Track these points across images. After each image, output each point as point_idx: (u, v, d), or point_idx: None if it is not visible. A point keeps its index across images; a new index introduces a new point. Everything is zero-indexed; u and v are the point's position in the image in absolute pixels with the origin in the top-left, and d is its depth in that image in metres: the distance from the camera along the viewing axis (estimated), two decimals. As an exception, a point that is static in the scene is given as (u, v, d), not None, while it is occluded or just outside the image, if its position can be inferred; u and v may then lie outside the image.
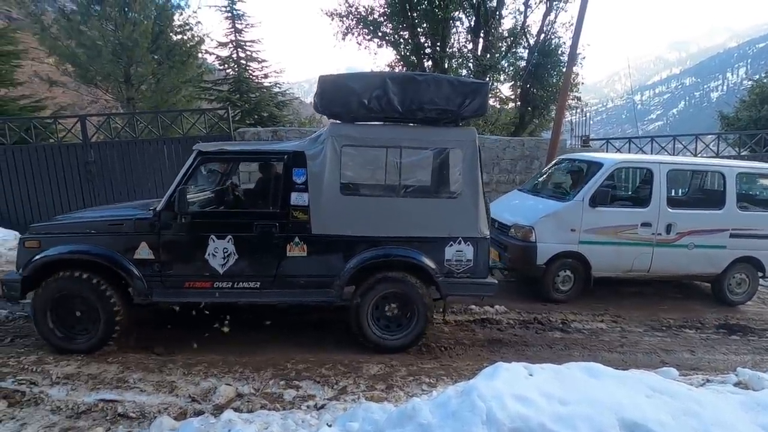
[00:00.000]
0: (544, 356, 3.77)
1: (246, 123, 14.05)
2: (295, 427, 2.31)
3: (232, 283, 3.50)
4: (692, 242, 5.04)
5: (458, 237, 3.57)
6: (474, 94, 3.48)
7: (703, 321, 4.77)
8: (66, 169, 7.55)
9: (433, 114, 3.51)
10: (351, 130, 3.54)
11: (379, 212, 3.53)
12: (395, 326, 3.67)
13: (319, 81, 3.48)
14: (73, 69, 11.80)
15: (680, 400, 2.15)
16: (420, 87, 3.43)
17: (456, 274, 3.61)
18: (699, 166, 5.69)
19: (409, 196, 3.59)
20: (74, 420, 2.58)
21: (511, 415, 1.97)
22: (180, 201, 3.33)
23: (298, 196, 3.48)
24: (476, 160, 3.55)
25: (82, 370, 3.13)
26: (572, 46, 7.81)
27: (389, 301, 3.62)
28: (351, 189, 3.60)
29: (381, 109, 3.42)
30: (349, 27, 15.86)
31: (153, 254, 3.41)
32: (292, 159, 3.51)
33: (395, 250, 3.54)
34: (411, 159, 3.61)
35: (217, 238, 3.44)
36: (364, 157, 3.66)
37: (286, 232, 3.48)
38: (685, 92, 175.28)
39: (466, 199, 3.55)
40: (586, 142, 9.08)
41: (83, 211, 4.40)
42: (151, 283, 3.43)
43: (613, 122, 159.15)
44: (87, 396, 2.82)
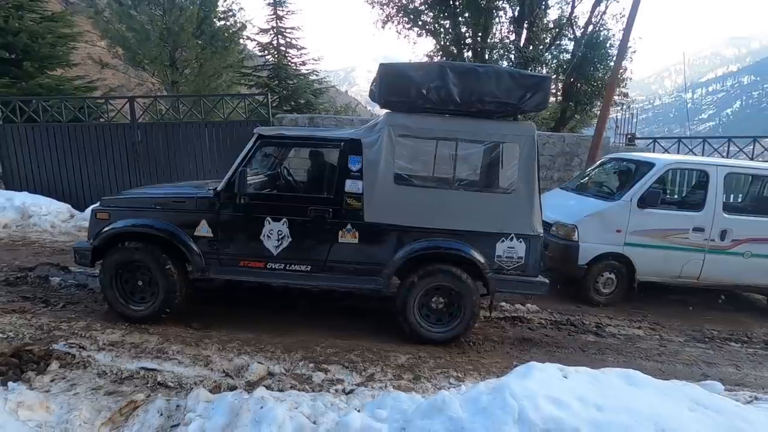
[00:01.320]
0: (576, 359, 3.66)
1: (283, 109, 14.30)
2: (325, 409, 2.35)
3: (284, 265, 3.59)
4: (749, 251, 4.75)
5: (510, 233, 3.51)
6: (536, 88, 3.38)
7: (750, 335, 4.50)
8: (114, 148, 7.92)
9: (491, 107, 3.43)
10: (407, 120, 3.51)
11: (432, 204, 3.51)
12: (441, 319, 3.66)
13: (379, 69, 3.46)
14: (123, 52, 12.35)
15: (726, 417, 2.03)
16: (480, 79, 3.35)
17: (506, 271, 3.56)
18: (760, 170, 5.31)
19: (463, 189, 3.56)
20: (118, 384, 2.73)
21: (544, 416, 1.92)
22: (240, 182, 3.42)
23: (353, 184, 3.50)
24: (534, 156, 3.46)
25: (125, 339, 3.31)
26: (623, 39, 7.42)
27: (436, 294, 3.61)
28: (405, 179, 3.58)
29: (439, 99, 3.37)
30: (389, 15, 15.70)
31: (212, 232, 3.55)
32: (349, 146, 3.53)
33: (446, 242, 3.52)
34: (466, 152, 3.58)
35: (273, 220, 3.53)
36: (419, 148, 3.64)
37: (339, 219, 3.52)
38: (742, 91, 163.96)
39: (521, 195, 3.48)
40: (631, 141, 8.68)
41: (146, 187, 4.63)
42: (209, 260, 3.58)
43: (660, 121, 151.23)
44: (130, 363, 2.97)
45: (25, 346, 2.99)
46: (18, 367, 2.77)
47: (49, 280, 4.51)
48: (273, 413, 2.20)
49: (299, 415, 2.26)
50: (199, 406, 2.37)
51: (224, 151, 7.97)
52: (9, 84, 8.94)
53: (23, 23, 9.45)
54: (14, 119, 7.77)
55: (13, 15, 9.33)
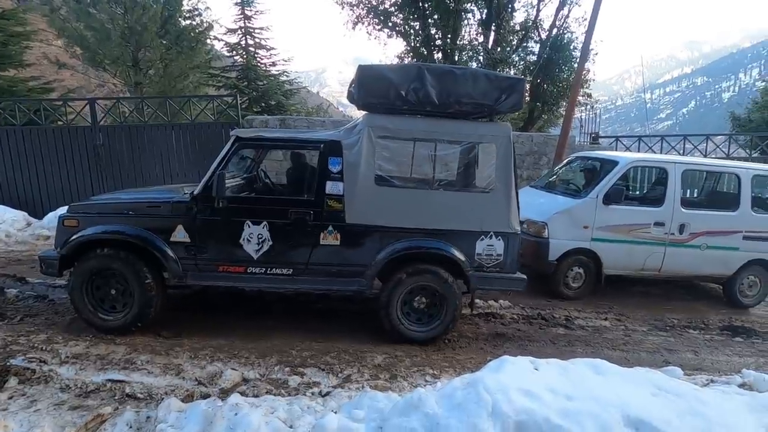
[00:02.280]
0: (547, 352, 3.77)
1: (253, 111, 14.05)
2: (301, 412, 2.34)
3: (265, 269, 3.53)
4: (705, 243, 5.02)
5: (489, 231, 3.57)
6: (511, 90, 3.46)
7: (707, 322, 4.76)
8: (74, 152, 7.57)
9: (468, 108, 3.49)
10: (387, 121, 3.53)
11: (413, 204, 3.54)
12: (424, 318, 3.69)
13: (358, 70, 3.45)
14: (81, 52, 11.81)
15: (686, 400, 2.15)
16: (458, 80, 3.40)
17: (486, 268, 3.62)
18: (714, 167, 5.62)
19: (442, 189, 3.61)
20: (83, 398, 2.62)
21: (517, 408, 1.98)
22: (218, 186, 3.35)
23: (333, 185, 3.48)
24: (510, 156, 3.54)
25: (90, 351, 3.17)
26: (585, 41, 7.71)
27: (419, 293, 3.64)
28: (385, 180, 3.59)
29: (418, 101, 3.40)
30: (359, 16, 15.71)
31: (189, 237, 3.45)
32: (329, 148, 3.51)
33: (427, 242, 3.54)
34: (445, 152, 3.62)
35: (253, 223, 3.46)
36: (399, 149, 3.66)
37: (321, 221, 3.49)
38: (696, 92, 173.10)
39: (499, 194, 3.55)
40: (595, 140, 9.02)
41: (117, 192, 4.43)
42: (186, 266, 3.48)
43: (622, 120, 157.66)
44: (95, 375, 2.85)
45: (-21, 363, 2.82)
46: (-28, 385, 2.61)
47: (5, 292, 4.27)
48: (248, 419, 2.17)
49: (275, 419, 2.23)
50: (170, 416, 2.30)
51: (192, 154, 7.76)
52: (-44, 85, 8.41)
53: (-30, 21, 8.91)
54: (-38, 123, 7.32)
55: (-42, 12, 8.78)
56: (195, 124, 7.86)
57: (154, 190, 4.16)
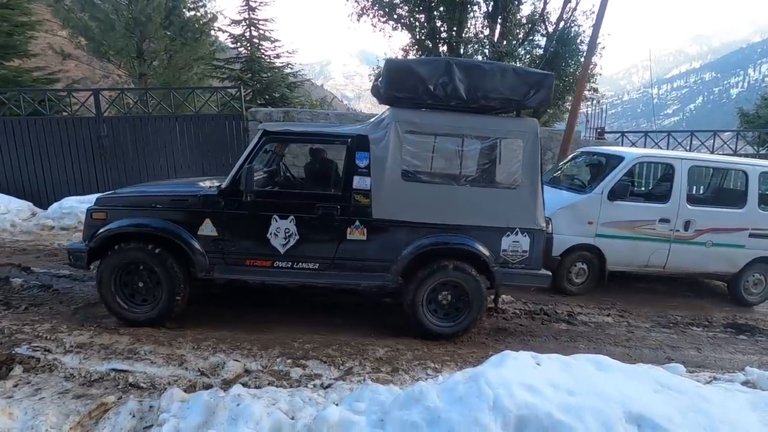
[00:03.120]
0: (550, 347, 3.77)
1: (257, 103, 14.00)
2: (302, 404, 2.34)
3: (291, 263, 3.53)
4: (710, 240, 4.99)
5: (515, 227, 3.56)
6: (539, 85, 3.43)
7: (711, 319, 4.74)
8: (79, 143, 7.60)
9: (496, 103, 3.47)
10: (414, 116, 3.50)
11: (439, 199, 3.52)
12: (449, 314, 3.69)
13: (386, 65, 3.44)
14: (86, 42, 11.80)
15: (688, 396, 2.14)
16: (486, 75, 3.38)
17: (511, 264, 3.61)
18: (721, 163, 5.56)
19: (469, 185, 3.59)
20: (87, 387, 2.64)
21: (518, 403, 1.97)
22: (247, 180, 3.34)
23: (361, 180, 3.47)
24: (537, 152, 3.52)
25: (94, 340, 3.19)
26: (592, 35, 7.62)
27: (444, 289, 3.63)
28: (412, 175, 3.56)
29: (446, 95, 3.37)
30: (364, 8, 15.57)
31: (216, 231, 3.45)
32: (356, 142, 3.49)
33: (453, 237, 3.53)
34: (472, 147, 3.61)
35: (280, 218, 3.46)
36: (426, 144, 3.64)
37: (347, 215, 3.48)
38: (704, 87, 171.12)
39: (525, 190, 3.53)
40: (601, 135, 8.95)
41: (142, 185, 4.41)
42: (213, 260, 3.48)
43: (628, 115, 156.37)
44: (99, 365, 2.87)
45: (-15, 351, 2.85)
46: (-23, 373, 2.64)
47: (10, 281, 4.30)
48: (250, 410, 2.18)
49: (277, 411, 2.24)
50: (173, 406, 2.31)
51: (196, 146, 7.76)
52: (-39, 75, 8.43)
53: (-25, 10, 8.91)
54: (-32, 112, 7.34)
55: (-37, 1, 8.78)
56: (199, 116, 7.86)
57: (179, 183, 4.16)
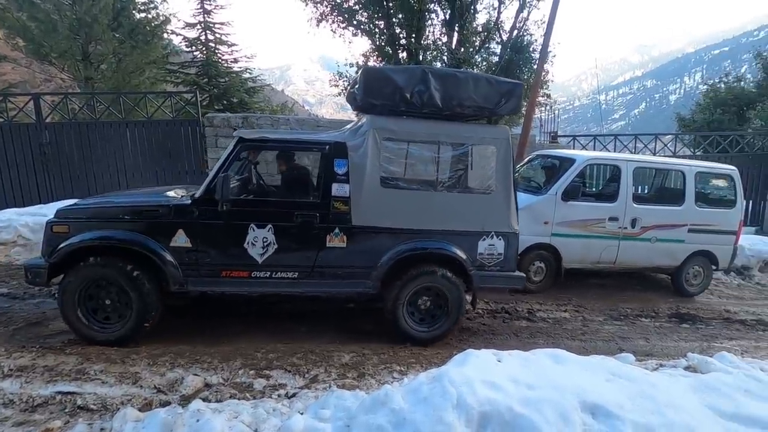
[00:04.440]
0: (511, 344, 3.89)
1: (214, 108, 13.63)
2: (266, 415, 2.29)
3: (270, 273, 3.44)
4: (655, 236, 5.33)
5: (491, 231, 3.64)
6: (510, 94, 3.55)
7: (657, 311, 5.06)
8: (17, 150, 7.08)
9: (470, 111, 3.54)
10: (391, 123, 3.52)
11: (417, 205, 3.55)
12: (429, 318, 3.71)
13: (363, 73, 3.44)
14: (24, 44, 11.04)
15: (637, 384, 2.28)
16: (460, 84, 3.45)
17: (487, 267, 3.68)
18: (662, 164, 5.99)
19: (446, 191, 3.63)
20: (29, 413, 2.45)
21: (481, 399, 2.02)
22: (223, 188, 3.23)
23: (340, 187, 3.44)
24: (509, 157, 3.62)
25: (37, 362, 2.96)
26: (544, 43, 7.97)
27: (424, 294, 3.65)
28: (390, 181, 3.56)
29: (422, 103, 3.41)
30: (323, 14, 15.54)
31: (190, 242, 3.31)
32: (334, 149, 3.46)
33: (432, 243, 3.57)
34: (448, 154, 3.66)
35: (257, 227, 3.36)
36: (404, 151, 3.65)
37: (327, 223, 3.44)
38: (647, 94, 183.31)
39: (499, 195, 3.62)
40: (554, 139, 9.37)
41: (107, 195, 4.13)
42: (187, 272, 3.33)
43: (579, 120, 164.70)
44: (43, 389, 2.67)
45: None
46: None
47: (-61, 302, 3.93)
48: (210, 425, 2.10)
49: (239, 424, 2.18)
50: (126, 427, 2.19)
51: (149, 152, 7.44)
52: None
53: None
54: None
55: None
56: (152, 122, 7.54)
57: (146, 193, 3.96)
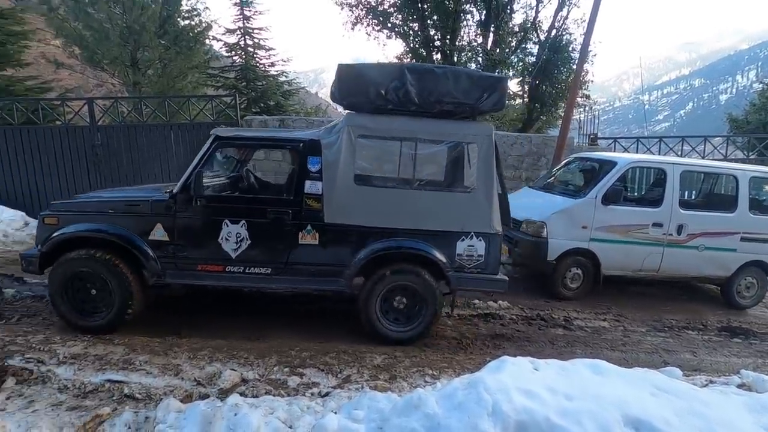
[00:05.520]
0: (547, 352, 3.78)
1: (252, 111, 14.03)
2: (300, 413, 2.33)
3: (243, 268, 3.52)
4: (703, 244, 5.04)
5: (470, 232, 3.56)
6: (492, 89, 3.46)
7: (705, 323, 4.78)
8: (72, 152, 7.54)
9: (450, 107, 3.49)
10: (367, 120, 3.52)
11: (392, 204, 3.53)
12: (404, 318, 3.68)
13: (338, 69, 3.46)
14: (79, 51, 11.76)
15: (685, 400, 2.16)
16: (438, 79, 3.40)
17: (466, 269, 3.61)
18: (712, 168, 5.64)
19: (423, 189, 3.59)
20: (81, 399, 2.60)
21: (517, 408, 1.98)
22: (196, 184, 3.37)
23: (312, 185, 3.48)
24: (492, 156, 3.53)
25: (88, 351, 3.16)
26: (584, 42, 7.73)
27: (398, 294, 3.62)
28: (365, 179, 3.58)
29: (398, 100, 3.40)
30: (358, 17, 15.71)
31: (168, 236, 3.45)
32: (308, 147, 3.50)
33: (407, 242, 3.53)
34: (426, 152, 3.60)
35: (231, 222, 3.46)
36: (379, 148, 3.65)
37: (299, 220, 3.49)
38: (694, 94, 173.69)
39: (480, 194, 3.53)
40: (593, 141, 9.04)
41: (101, 191, 4.43)
42: (165, 265, 3.47)
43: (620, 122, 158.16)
44: (94, 376, 2.84)
45: (-23, 363, 2.81)
46: (-31, 385, 2.60)
47: (3, 292, 4.25)
48: (247, 419, 2.16)
49: (275, 420, 2.23)
50: (169, 417, 2.29)
51: (191, 154, 7.70)
52: (-47, 85, 8.38)
53: (-32, 20, 8.88)
54: (-40, 122, 7.28)
55: (-44, 11, 8.75)
56: (194, 124, 7.84)
57: (135, 189, 4.15)
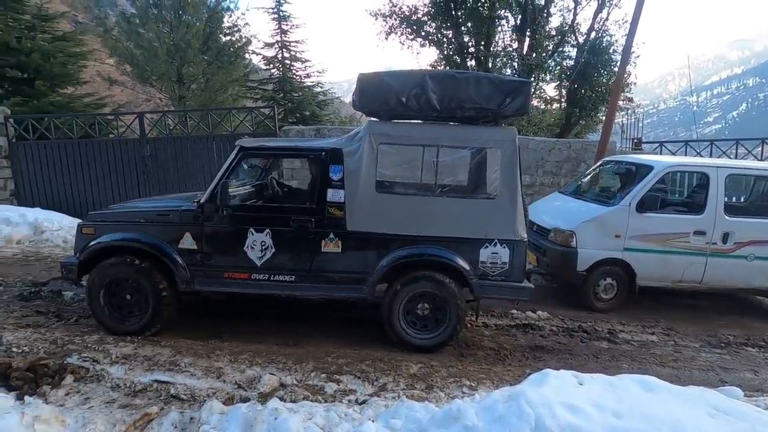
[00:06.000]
0: (590, 366, 3.62)
1: (288, 121, 14.45)
2: (338, 420, 2.34)
3: (268, 276, 3.60)
4: (753, 253, 4.68)
5: (494, 239, 3.50)
6: (515, 93, 3.38)
7: (767, 340, 4.42)
8: (124, 163, 8.05)
9: (472, 113, 3.45)
10: (388, 128, 3.55)
11: (415, 211, 3.52)
12: (428, 325, 3.65)
13: (358, 79, 3.50)
14: (131, 69, 12.57)
15: (748, 422, 2.00)
16: (460, 85, 3.37)
17: (490, 277, 3.54)
18: (762, 171, 5.16)
19: (446, 196, 3.57)
20: (131, 398, 2.74)
21: (561, 424, 1.90)
22: (222, 194, 3.47)
23: (335, 193, 3.51)
24: (515, 161, 3.46)
25: (138, 352, 3.32)
26: (626, 44, 7.45)
27: (422, 301, 3.60)
28: (387, 187, 3.62)
29: (419, 107, 3.39)
30: (392, 27, 15.88)
31: (196, 244, 3.57)
32: (330, 156, 3.55)
33: (429, 249, 3.51)
34: (448, 158, 3.58)
35: (256, 231, 3.55)
36: (401, 156, 3.67)
37: (322, 228, 3.53)
38: (748, 93, 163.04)
39: (504, 201, 3.47)
40: (638, 145, 8.66)
41: (135, 201, 4.68)
42: (194, 272, 3.59)
43: (665, 125, 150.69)
44: (143, 376, 2.98)
45: (40, 360, 3.00)
46: (33, 381, 2.78)
47: (62, 294, 4.56)
48: (287, 424, 2.20)
49: (313, 426, 2.25)
50: (212, 418, 2.37)
51: (232, 164, 8.03)
52: (21, 102, 9.13)
53: (35, 43, 9.69)
54: (27, 137, 7.93)
55: (25, 35, 9.57)
56: (235, 135, 8.15)
57: (167, 198, 4.32)
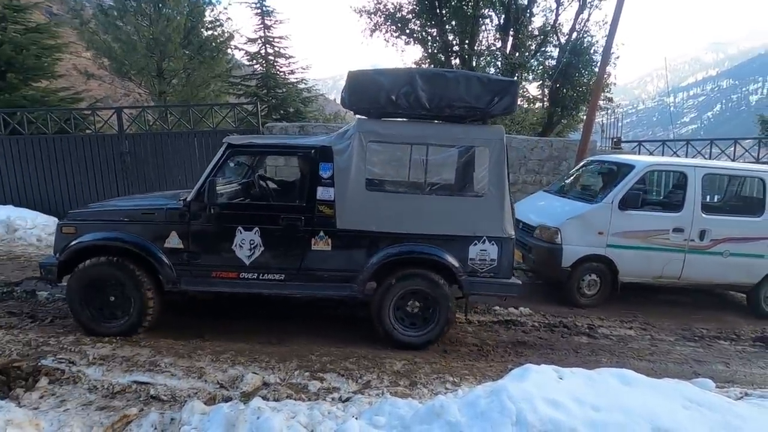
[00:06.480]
0: (570, 361, 3.69)
1: (272, 118, 14.28)
2: (322, 418, 2.34)
3: (257, 275, 3.55)
4: (728, 250, 4.85)
5: (483, 236, 3.53)
6: (503, 92, 3.43)
7: (738, 333, 4.58)
8: (102, 159, 7.82)
9: (461, 111, 3.48)
10: (378, 126, 3.55)
11: (404, 209, 3.53)
12: (417, 323, 3.66)
13: (348, 76, 3.49)
14: (108, 63, 12.22)
15: (720, 413, 2.07)
16: (449, 84, 3.40)
17: (479, 274, 3.58)
18: (737, 171, 5.44)
19: (435, 194, 3.59)
20: (109, 399, 2.67)
21: (542, 418, 1.94)
22: (209, 192, 3.39)
23: (324, 191, 3.50)
24: (503, 160, 3.50)
25: (116, 352, 3.24)
26: (606, 45, 7.59)
27: (411, 298, 3.61)
28: (376, 185, 3.61)
29: (408, 105, 3.40)
30: (377, 24, 15.86)
31: (182, 243, 3.49)
32: (319, 153, 3.53)
33: (419, 247, 3.53)
34: (437, 156, 3.59)
35: (244, 229, 3.50)
36: (390, 154, 3.66)
37: (312, 226, 3.51)
38: (722, 95, 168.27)
39: (492, 198, 3.51)
40: (617, 144, 8.85)
41: (117, 199, 4.55)
42: (180, 272, 3.52)
43: (644, 125, 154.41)
44: (121, 377, 2.91)
45: (13, 363, 2.91)
46: (6, 384, 2.69)
47: (36, 294, 4.43)
48: (270, 423, 2.18)
49: (296, 424, 2.24)
50: (194, 419, 2.33)
51: (214, 161, 7.91)
52: (-8, 96, 8.81)
53: (6, 35, 9.33)
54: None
55: (-4, 26, 9.23)
56: (217, 131, 8.02)
57: (151, 197, 4.22)
